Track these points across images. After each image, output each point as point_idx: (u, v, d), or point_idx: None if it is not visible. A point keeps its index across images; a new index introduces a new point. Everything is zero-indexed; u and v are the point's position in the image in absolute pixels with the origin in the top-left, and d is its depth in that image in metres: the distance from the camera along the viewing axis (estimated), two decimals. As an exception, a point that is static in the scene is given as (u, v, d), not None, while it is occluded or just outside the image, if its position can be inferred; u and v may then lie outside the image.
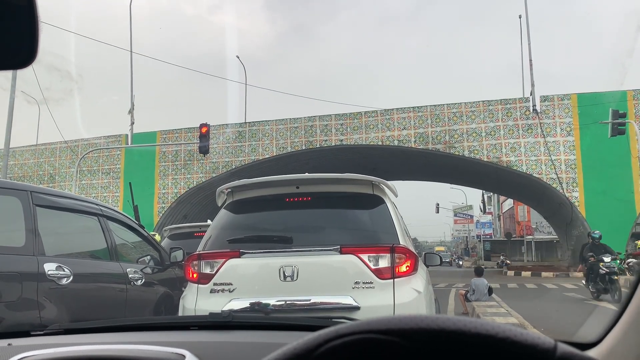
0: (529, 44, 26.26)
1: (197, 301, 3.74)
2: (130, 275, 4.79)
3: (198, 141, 19.17)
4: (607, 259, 12.68)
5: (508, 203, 58.87)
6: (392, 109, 27.09)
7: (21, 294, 3.53)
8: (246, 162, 28.63)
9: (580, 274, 23.35)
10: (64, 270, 3.87)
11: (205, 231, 4.29)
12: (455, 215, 64.51)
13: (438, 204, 56.78)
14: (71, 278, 3.90)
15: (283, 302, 3.56)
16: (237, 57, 34.31)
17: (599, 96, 24.02)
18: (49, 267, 3.76)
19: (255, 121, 29.22)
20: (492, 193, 61.17)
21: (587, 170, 24.03)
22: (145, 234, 5.68)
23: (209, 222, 6.24)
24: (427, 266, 4.72)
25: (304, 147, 28.05)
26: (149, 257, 5.41)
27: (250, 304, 3.56)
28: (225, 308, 3.46)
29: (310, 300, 3.56)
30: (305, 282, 3.61)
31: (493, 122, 25.51)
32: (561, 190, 24.31)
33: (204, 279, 3.77)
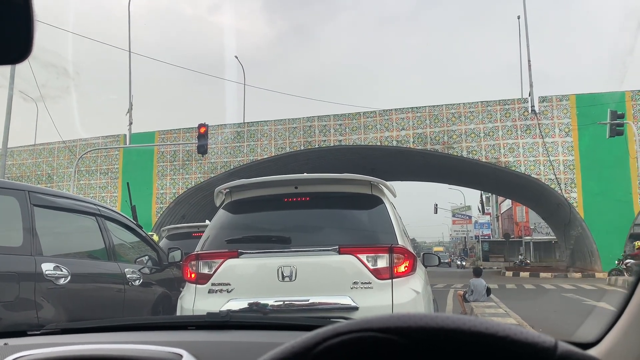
0: (527, 44, 26.35)
1: (195, 301, 3.73)
2: (128, 276, 4.78)
3: (196, 141, 19.16)
4: None
5: (506, 204, 58.92)
6: (391, 110, 27.11)
7: (18, 294, 3.52)
8: (245, 163, 28.63)
9: (579, 275, 23.46)
10: (61, 270, 3.86)
11: (203, 231, 4.29)
12: (453, 215, 64.48)
13: (436, 205, 56.73)
14: (69, 278, 3.89)
15: (281, 303, 3.55)
16: (236, 57, 34.36)
17: (598, 97, 24.07)
18: (47, 267, 3.75)
19: (253, 121, 29.21)
20: (490, 194, 61.27)
21: (586, 171, 24.06)
22: (143, 234, 5.67)
23: (207, 222, 6.23)
24: (425, 266, 4.71)
25: (302, 148, 28.05)
26: (147, 257, 5.40)
27: (248, 304, 3.55)
28: (224, 308, 3.46)
29: (308, 300, 3.55)
30: (304, 282, 3.60)
31: (492, 123, 25.54)
32: (559, 191, 24.34)
33: (202, 279, 3.77)
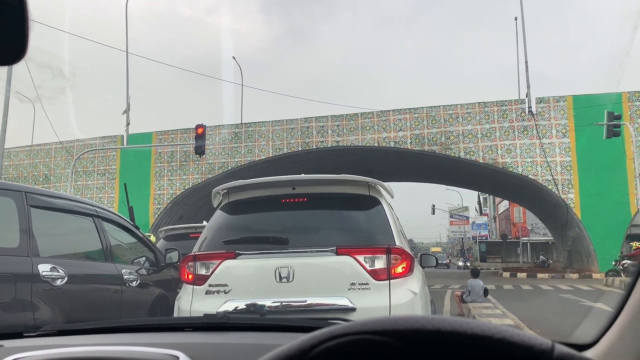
0: (524, 46, 26.41)
1: (192, 302, 3.73)
2: (125, 277, 4.77)
3: (194, 142, 19.14)
4: None
5: (504, 204, 59.01)
6: (388, 111, 27.13)
7: (15, 295, 3.51)
8: (242, 163, 28.61)
9: (576, 276, 23.50)
10: (58, 272, 3.85)
11: (200, 232, 4.28)
12: (451, 216, 64.62)
13: (434, 205, 56.85)
14: (66, 279, 3.88)
15: (279, 304, 3.55)
16: (234, 58, 34.33)
17: (594, 98, 24.14)
18: (44, 268, 3.74)
19: (251, 122, 29.21)
20: (488, 194, 61.34)
21: (583, 172, 24.12)
22: (140, 235, 5.66)
23: (205, 223, 6.23)
24: (422, 267, 4.72)
25: (300, 148, 28.05)
26: (144, 258, 5.40)
27: (245, 305, 3.55)
28: (221, 309, 3.45)
29: (306, 301, 3.55)
30: (301, 283, 3.60)
31: (489, 124, 25.58)
32: (557, 192, 24.39)
33: (200, 280, 3.76)
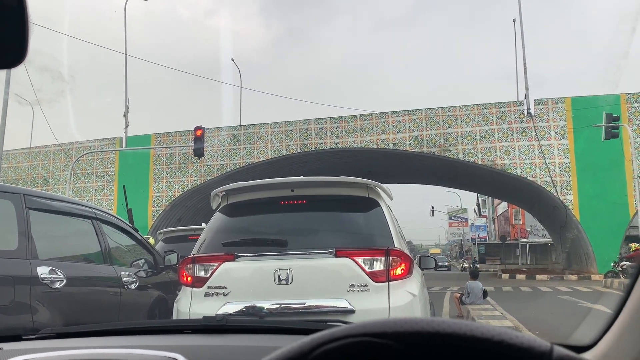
0: (523, 47, 26.42)
1: (191, 305, 3.72)
2: (124, 279, 4.77)
3: (193, 144, 19.14)
4: None
5: (502, 206, 59.06)
6: (387, 112, 27.16)
7: (14, 298, 3.50)
8: (241, 165, 28.62)
9: (575, 277, 23.52)
10: (57, 274, 3.84)
11: (199, 234, 4.28)
12: (450, 218, 64.63)
13: (433, 207, 56.93)
14: (64, 282, 3.88)
15: (278, 306, 3.55)
16: (232, 60, 34.36)
17: (593, 100, 24.18)
18: (42, 271, 3.73)
19: (250, 124, 29.22)
20: (486, 196, 61.39)
21: (581, 174, 24.15)
22: (139, 237, 5.65)
23: (204, 225, 6.22)
24: (421, 269, 4.72)
25: (299, 150, 28.07)
26: (143, 260, 5.38)
27: (244, 307, 3.55)
28: (220, 312, 3.45)
29: (305, 303, 3.55)
30: (300, 285, 3.60)
31: (487, 126, 25.61)
32: (555, 194, 24.42)
33: (198, 282, 3.75)
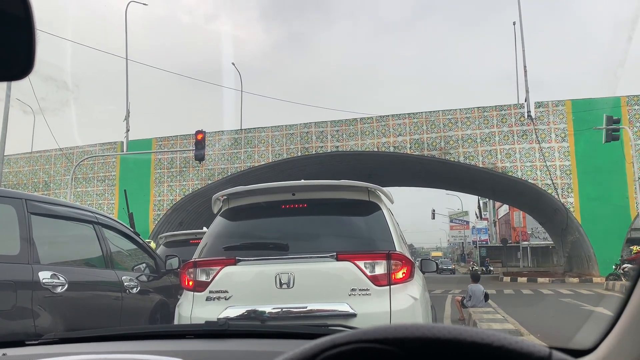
0: (523, 50, 26.44)
1: (192, 309, 3.73)
2: (125, 283, 4.77)
3: (194, 148, 19.16)
4: None
5: (504, 209, 58.99)
6: (388, 116, 27.17)
7: (16, 303, 3.51)
8: (242, 169, 28.62)
9: (576, 280, 23.47)
10: (58, 279, 3.84)
11: (200, 238, 4.28)
12: (451, 221, 64.53)
13: (434, 210, 56.88)
14: (66, 286, 3.88)
15: (279, 310, 3.55)
16: (233, 64, 34.43)
17: (593, 102, 24.18)
18: (44, 276, 3.74)
19: (251, 128, 29.24)
20: (487, 199, 61.32)
21: (582, 176, 24.13)
22: (140, 241, 5.65)
23: (205, 229, 6.22)
24: (423, 273, 4.72)
25: (299, 154, 28.07)
26: (144, 264, 5.38)
27: (246, 311, 3.55)
28: (221, 316, 3.45)
29: (306, 307, 3.55)
30: (302, 289, 3.60)
31: (488, 129, 25.61)
32: (556, 196, 24.39)
33: (200, 286, 3.76)
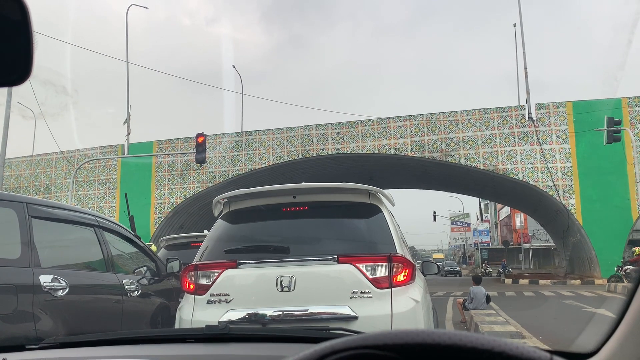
0: (523, 52, 26.48)
1: (193, 312, 3.72)
2: (126, 287, 4.77)
3: (195, 151, 19.19)
4: None
5: (505, 211, 58.97)
6: (389, 118, 27.17)
7: (16, 307, 3.50)
8: (243, 172, 28.63)
9: (578, 282, 23.43)
10: (59, 282, 3.84)
11: (202, 241, 4.28)
12: (452, 223, 64.49)
13: (435, 212, 56.76)
14: (67, 290, 3.88)
15: (280, 313, 3.54)
16: (234, 67, 34.45)
17: (594, 104, 24.17)
18: (45, 279, 3.74)
19: (251, 130, 29.25)
20: (489, 201, 61.28)
21: (583, 178, 24.11)
22: (141, 244, 5.65)
23: (206, 232, 6.22)
24: (424, 275, 4.71)
25: (300, 156, 28.07)
26: (145, 268, 5.39)
27: (247, 314, 3.54)
28: (222, 319, 3.45)
29: (307, 310, 3.54)
30: (303, 292, 3.59)
31: (489, 130, 25.61)
32: (557, 198, 24.37)
33: (201, 289, 3.75)
